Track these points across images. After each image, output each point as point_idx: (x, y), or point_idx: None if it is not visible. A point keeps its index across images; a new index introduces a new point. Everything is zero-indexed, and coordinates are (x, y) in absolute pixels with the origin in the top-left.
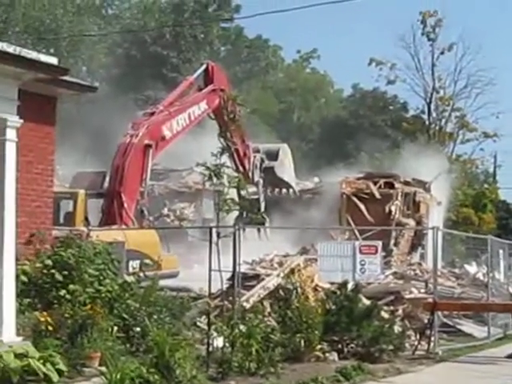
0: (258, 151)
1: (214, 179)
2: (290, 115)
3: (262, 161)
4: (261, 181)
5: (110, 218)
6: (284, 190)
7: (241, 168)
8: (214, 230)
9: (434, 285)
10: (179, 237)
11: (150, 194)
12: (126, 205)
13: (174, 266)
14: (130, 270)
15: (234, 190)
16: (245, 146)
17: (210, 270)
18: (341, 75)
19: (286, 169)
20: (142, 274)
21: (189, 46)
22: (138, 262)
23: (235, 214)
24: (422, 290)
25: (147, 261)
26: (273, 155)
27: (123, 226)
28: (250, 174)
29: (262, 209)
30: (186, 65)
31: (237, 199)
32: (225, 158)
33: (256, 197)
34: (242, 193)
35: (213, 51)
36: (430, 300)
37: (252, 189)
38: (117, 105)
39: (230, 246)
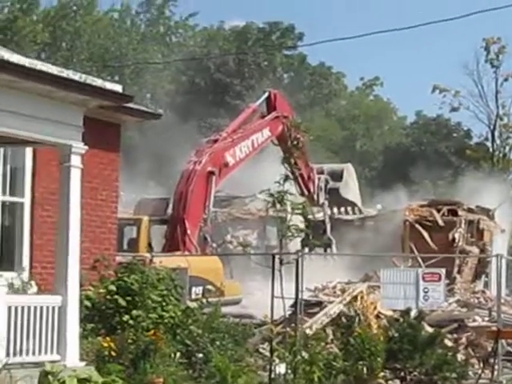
0: (322, 172)
1: (278, 206)
2: (352, 142)
3: (327, 182)
4: (326, 202)
5: (173, 244)
6: (350, 210)
7: (305, 191)
8: (276, 257)
9: (498, 313)
10: (242, 263)
11: (213, 221)
12: (189, 231)
13: (236, 293)
14: (193, 296)
15: (298, 217)
16: (309, 169)
17: (273, 296)
18: (404, 102)
19: (350, 189)
20: (204, 301)
21: (252, 73)
22: (200, 288)
23: (299, 239)
24: (486, 318)
25: (210, 287)
26: (337, 176)
27: (186, 253)
28: (315, 197)
29: (328, 231)
30: (250, 92)
31: (300, 225)
32: (288, 185)
33: (322, 219)
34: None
35: (276, 78)
36: (494, 328)
37: (319, 213)
38: (180, 132)
39: (293, 273)
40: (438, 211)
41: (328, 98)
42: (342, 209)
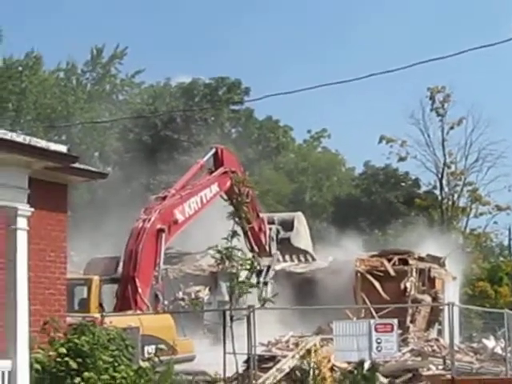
0: (273, 222)
1: (226, 262)
2: (302, 195)
3: (278, 232)
4: (278, 253)
5: (124, 303)
6: (302, 258)
7: (255, 246)
8: (227, 313)
9: (452, 361)
10: (195, 320)
11: (164, 278)
12: (140, 290)
13: (189, 350)
14: (146, 355)
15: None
16: (260, 220)
17: (225, 353)
18: (352, 153)
19: (302, 237)
20: (157, 359)
21: (199, 129)
22: (153, 346)
23: (254, 295)
24: (440, 367)
25: (162, 346)
26: (288, 225)
27: (138, 311)
28: (267, 247)
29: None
30: (198, 148)
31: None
32: (236, 241)
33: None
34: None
35: (224, 133)
36: (449, 376)
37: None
38: (129, 190)
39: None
40: (389, 261)
41: (276, 151)
42: (295, 257)
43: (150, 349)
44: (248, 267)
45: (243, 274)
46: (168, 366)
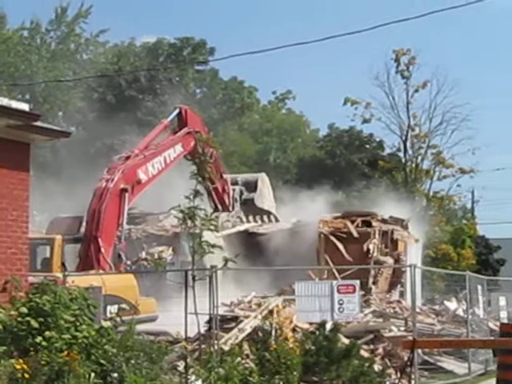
0: (236, 183)
1: (189, 222)
2: (266, 156)
3: (242, 193)
4: (241, 213)
5: (87, 262)
6: (266, 219)
7: (219, 205)
8: (189, 273)
9: (414, 322)
10: (157, 280)
11: (127, 239)
12: (103, 249)
13: (152, 310)
14: (108, 315)
15: (210, 233)
16: (223, 181)
17: (187, 313)
18: (317, 115)
19: (265, 198)
20: (119, 319)
21: (164, 89)
22: (115, 306)
23: (218, 255)
24: (402, 328)
25: (124, 305)
26: (251, 186)
27: (100, 271)
28: (231, 208)
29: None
30: (162, 108)
31: (213, 241)
32: (199, 200)
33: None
34: (217, 234)
35: (188, 94)
36: (410, 338)
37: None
38: (93, 149)
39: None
40: (352, 222)
41: (241, 112)
42: (258, 218)
43: (112, 308)
44: (211, 227)
45: (208, 234)
46: (130, 325)
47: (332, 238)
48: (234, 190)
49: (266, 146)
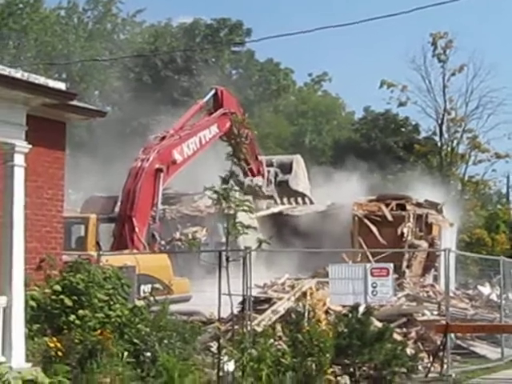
0: (271, 165)
1: (223, 203)
2: (302, 138)
3: (276, 175)
4: (275, 195)
5: (121, 242)
6: (300, 201)
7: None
8: (223, 254)
9: (447, 306)
10: (191, 261)
11: (161, 219)
12: (137, 229)
13: (185, 290)
14: (142, 294)
15: (245, 214)
16: (258, 162)
17: (220, 294)
18: (352, 98)
19: (300, 180)
20: (152, 299)
21: (200, 70)
22: (149, 286)
23: (252, 236)
24: (435, 312)
25: (158, 285)
26: (286, 167)
27: (134, 251)
28: (264, 191)
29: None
30: (198, 89)
31: (248, 222)
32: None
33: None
34: (251, 215)
35: (224, 75)
36: (443, 322)
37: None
38: (129, 129)
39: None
40: (387, 206)
41: (276, 94)
42: (293, 200)
43: (145, 288)
44: (245, 208)
45: (243, 216)
46: (163, 305)
47: (366, 220)
48: (269, 171)
49: (301, 128)
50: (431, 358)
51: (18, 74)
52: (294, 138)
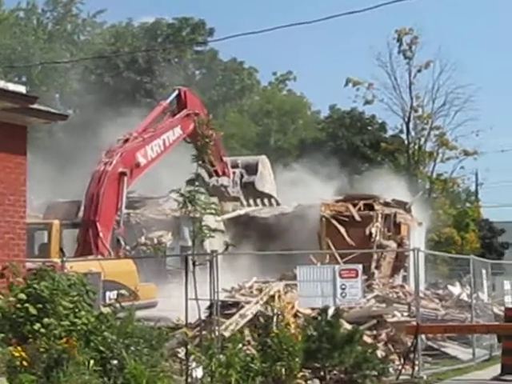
0: (237, 166)
1: (189, 206)
2: (267, 138)
3: (242, 176)
4: (241, 197)
5: (85, 248)
6: (267, 202)
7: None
8: (189, 258)
9: (417, 307)
10: (157, 266)
11: (126, 223)
12: (101, 234)
13: (151, 296)
14: (107, 301)
15: (211, 217)
16: (223, 164)
17: (187, 299)
18: (318, 97)
19: (266, 181)
20: (118, 305)
21: (162, 70)
22: (115, 292)
23: (218, 239)
24: (405, 313)
25: (124, 291)
26: (252, 168)
27: (99, 256)
28: (230, 192)
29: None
30: (160, 90)
31: (214, 225)
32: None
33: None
34: (217, 218)
35: (187, 75)
36: (414, 323)
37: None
38: (90, 132)
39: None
40: (354, 206)
41: (241, 93)
42: (259, 201)
43: (111, 294)
44: (211, 211)
45: (209, 218)
46: (129, 311)
47: (334, 221)
48: (234, 172)
49: (266, 127)
50: (402, 360)
51: None
52: (259, 139)
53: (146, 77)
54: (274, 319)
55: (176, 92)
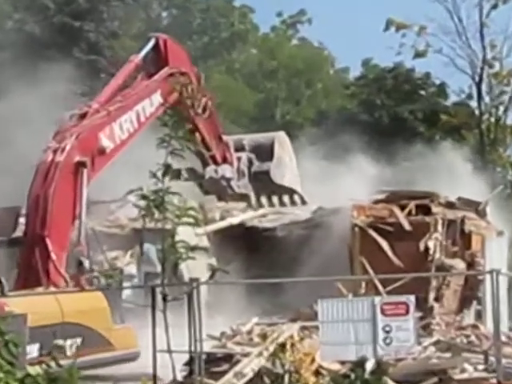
0: (242, 148)
1: (155, 213)
2: (270, 110)
3: (251, 163)
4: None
5: (30, 276)
6: (287, 200)
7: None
8: (157, 291)
9: (497, 357)
10: (110, 301)
11: (88, 236)
12: (53, 255)
13: (130, 345)
14: (68, 352)
15: (189, 228)
16: (223, 146)
17: (155, 350)
18: (345, 48)
19: (286, 169)
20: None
21: (113, 12)
22: (78, 340)
23: (201, 262)
24: (481, 367)
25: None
26: (265, 151)
27: (52, 288)
28: (235, 187)
29: None
30: (110, 41)
31: (194, 241)
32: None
33: None
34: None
35: (150, 19)
36: (494, 380)
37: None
38: (25, 104)
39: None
40: (402, 209)
41: (229, 44)
42: (276, 199)
43: (72, 343)
44: (189, 220)
45: (182, 231)
46: (70, 371)
47: (372, 232)
48: (239, 158)
49: (268, 94)
50: None
51: None
52: (259, 111)
53: (87, 22)
54: (286, 379)
55: (152, 42)
